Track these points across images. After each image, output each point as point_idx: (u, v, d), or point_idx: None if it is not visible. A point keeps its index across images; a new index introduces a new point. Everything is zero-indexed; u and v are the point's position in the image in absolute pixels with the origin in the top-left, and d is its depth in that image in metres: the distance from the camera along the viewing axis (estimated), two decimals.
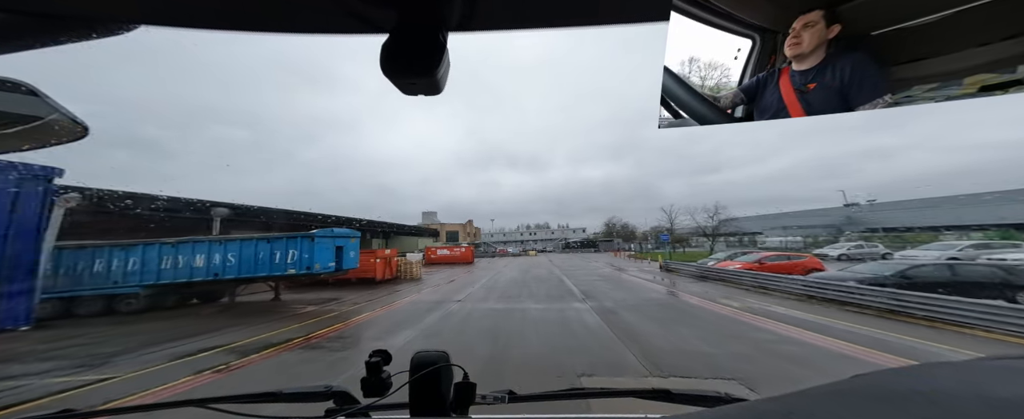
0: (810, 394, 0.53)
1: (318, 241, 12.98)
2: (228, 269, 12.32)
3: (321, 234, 13.18)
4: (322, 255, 13.09)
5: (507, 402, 1.02)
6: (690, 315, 9.89)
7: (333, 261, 13.77)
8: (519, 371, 5.87)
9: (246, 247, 12.50)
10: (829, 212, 42.31)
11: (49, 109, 0.85)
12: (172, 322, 11.10)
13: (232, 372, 6.31)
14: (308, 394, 1.02)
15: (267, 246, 12.57)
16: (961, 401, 0.47)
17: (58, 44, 0.68)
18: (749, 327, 8.43)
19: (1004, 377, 0.57)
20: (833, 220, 40.60)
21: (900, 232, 33.90)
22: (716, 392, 1.03)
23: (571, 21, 0.70)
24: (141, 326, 10.58)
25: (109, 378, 6.10)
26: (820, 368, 5.66)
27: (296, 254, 12.55)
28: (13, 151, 1.02)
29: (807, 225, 43.28)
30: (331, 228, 14.41)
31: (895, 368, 0.65)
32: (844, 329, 7.90)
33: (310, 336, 9.00)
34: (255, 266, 12.41)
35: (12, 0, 0.60)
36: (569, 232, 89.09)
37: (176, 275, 12.30)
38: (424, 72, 0.64)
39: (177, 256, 12.30)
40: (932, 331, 7.60)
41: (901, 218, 35.83)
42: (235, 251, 12.40)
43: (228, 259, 12.34)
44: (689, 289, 14.68)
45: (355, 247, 15.59)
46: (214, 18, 0.66)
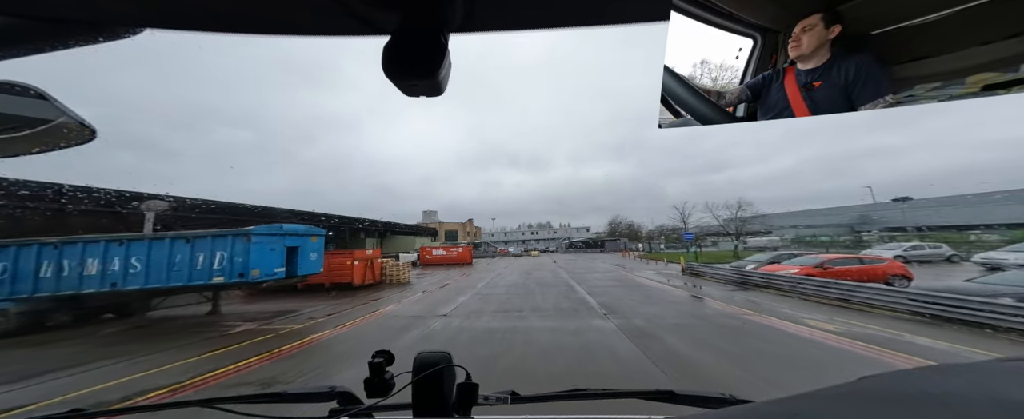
0: (816, 396, 0.52)
1: (257, 241, 9.85)
2: (131, 278, 9.20)
3: (262, 232, 10.05)
4: (263, 258, 9.96)
5: (509, 403, 1.02)
6: (773, 343, 6.66)
7: (281, 266, 10.66)
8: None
9: (157, 249, 9.37)
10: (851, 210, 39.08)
11: (58, 112, 0.84)
12: (41, 350, 8.01)
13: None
14: (312, 394, 1.02)
15: (185, 248, 9.44)
16: (974, 404, 0.46)
17: (66, 48, 0.68)
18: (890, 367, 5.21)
19: (1019, 379, 0.56)
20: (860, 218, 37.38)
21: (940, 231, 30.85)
22: (721, 394, 1.00)
23: (571, 21, 0.68)
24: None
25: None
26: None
27: (225, 257, 9.42)
28: (23, 154, 0.96)
29: (830, 224, 40.08)
30: (280, 224, 11.20)
31: (905, 370, 0.63)
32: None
33: (208, 375, 5.91)
34: (168, 274, 9.28)
35: (22, 5, 0.61)
36: (572, 231, 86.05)
37: (60, 286, 9.17)
38: (426, 73, 0.63)
39: (62, 261, 9.17)
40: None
41: (944, 216, 32.70)
42: (141, 254, 9.27)
43: (131, 265, 9.21)
44: (737, 300, 11.49)
45: (317, 248, 12.48)
46: (218, 21, 0.65)
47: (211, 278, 9.40)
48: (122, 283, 9.13)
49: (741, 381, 4.97)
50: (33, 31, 0.65)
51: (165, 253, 9.31)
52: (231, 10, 0.62)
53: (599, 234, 79.00)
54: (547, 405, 1.05)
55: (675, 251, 42.99)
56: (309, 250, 11.63)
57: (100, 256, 9.17)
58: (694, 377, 5.13)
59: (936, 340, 6.68)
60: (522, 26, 0.69)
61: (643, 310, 10.26)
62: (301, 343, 8.00)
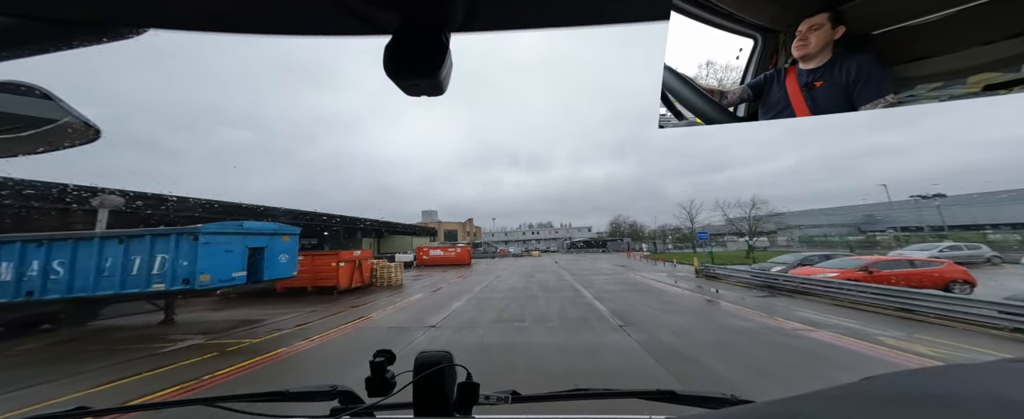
0: (818, 397, 0.52)
1: (208, 241, 8.23)
2: (52, 286, 7.60)
3: (213, 231, 8.43)
4: (216, 262, 8.35)
5: (510, 402, 1.02)
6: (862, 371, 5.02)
7: (242, 269, 9.06)
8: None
9: (84, 251, 7.76)
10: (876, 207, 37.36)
11: (62, 112, 0.84)
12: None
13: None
14: (314, 393, 1.03)
15: (118, 250, 7.83)
16: (978, 405, 0.45)
17: (70, 48, 0.68)
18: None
19: (1023, 380, 0.55)
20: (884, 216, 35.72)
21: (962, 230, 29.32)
22: (722, 394, 0.99)
23: (572, 20, 0.68)
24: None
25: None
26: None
27: (167, 261, 7.82)
28: (28, 153, 0.96)
29: (847, 223, 38.42)
30: (240, 221, 9.55)
31: (908, 370, 0.62)
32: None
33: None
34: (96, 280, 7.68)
35: (27, 5, 0.60)
36: (573, 231, 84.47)
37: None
38: (427, 73, 0.63)
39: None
40: None
41: (972, 215, 31.23)
42: (64, 257, 7.67)
43: (53, 269, 7.61)
44: (777, 310, 9.87)
45: (289, 248, 10.86)
46: (221, 21, 0.65)
47: (150, 285, 7.81)
48: (40, 292, 7.55)
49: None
50: (38, 31, 0.66)
51: (93, 256, 7.73)
52: (234, 10, 0.62)
53: (600, 234, 77.47)
54: (548, 405, 1.05)
55: (682, 251, 41.31)
56: (278, 251, 10.04)
57: (15, 259, 7.59)
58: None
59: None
60: (522, 25, 0.68)
61: (667, 321, 8.63)
62: (246, 365, 6.39)
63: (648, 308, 10.45)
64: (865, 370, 0.68)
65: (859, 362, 5.63)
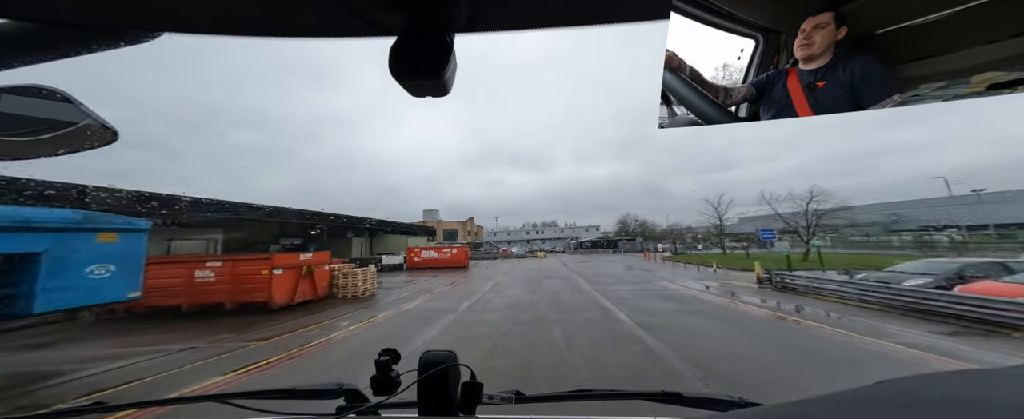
0: (831, 400, 0.50)
1: None
2: None
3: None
4: None
5: (514, 402, 1.01)
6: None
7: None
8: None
9: None
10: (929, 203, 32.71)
11: (82, 115, 0.87)
12: None
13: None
14: (320, 391, 1.04)
15: None
16: (999, 410, 0.44)
17: (90, 52, 0.69)
18: None
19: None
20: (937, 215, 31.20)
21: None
22: (729, 396, 0.96)
23: (573, 20, 0.67)
24: None
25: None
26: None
27: None
28: (49, 155, 0.98)
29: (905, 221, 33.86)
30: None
31: (925, 374, 0.60)
32: None
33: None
34: None
35: (49, 11, 0.61)
36: (579, 230, 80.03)
37: None
38: (432, 74, 0.63)
39: None
40: None
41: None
42: None
43: None
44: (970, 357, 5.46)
45: (121, 252, 6.41)
46: (233, 24, 0.65)
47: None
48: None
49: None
50: (58, 36, 0.66)
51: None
52: (245, 13, 0.63)
53: (607, 233, 72.92)
54: (552, 405, 1.04)
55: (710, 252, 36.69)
56: (86, 260, 5.68)
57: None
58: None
59: None
60: (524, 25, 0.68)
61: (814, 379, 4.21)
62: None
63: (747, 349, 6.02)
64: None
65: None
